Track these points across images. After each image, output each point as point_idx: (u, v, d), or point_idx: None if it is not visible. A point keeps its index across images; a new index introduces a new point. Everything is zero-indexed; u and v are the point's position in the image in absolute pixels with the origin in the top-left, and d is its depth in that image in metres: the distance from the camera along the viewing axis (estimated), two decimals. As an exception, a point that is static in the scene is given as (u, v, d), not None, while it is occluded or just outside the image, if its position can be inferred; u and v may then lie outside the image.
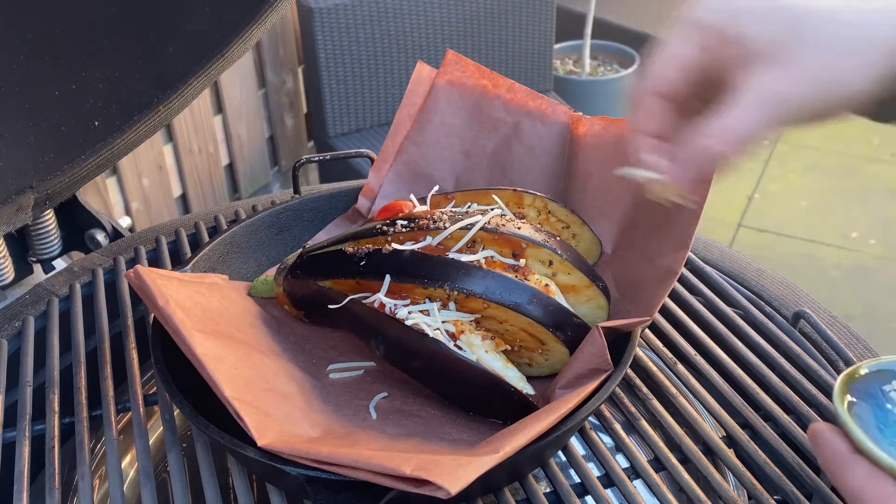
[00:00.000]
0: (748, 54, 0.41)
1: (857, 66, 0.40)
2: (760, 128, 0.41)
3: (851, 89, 0.40)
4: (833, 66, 0.40)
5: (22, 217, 0.75)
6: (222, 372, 0.53)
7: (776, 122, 0.41)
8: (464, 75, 0.73)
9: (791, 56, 0.40)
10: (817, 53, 0.40)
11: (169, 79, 0.77)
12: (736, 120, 0.41)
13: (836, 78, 0.40)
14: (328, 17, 2.00)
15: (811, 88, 0.40)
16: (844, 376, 0.48)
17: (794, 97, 0.40)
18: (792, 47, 0.40)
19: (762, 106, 0.41)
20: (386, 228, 0.62)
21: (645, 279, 0.61)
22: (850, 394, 0.47)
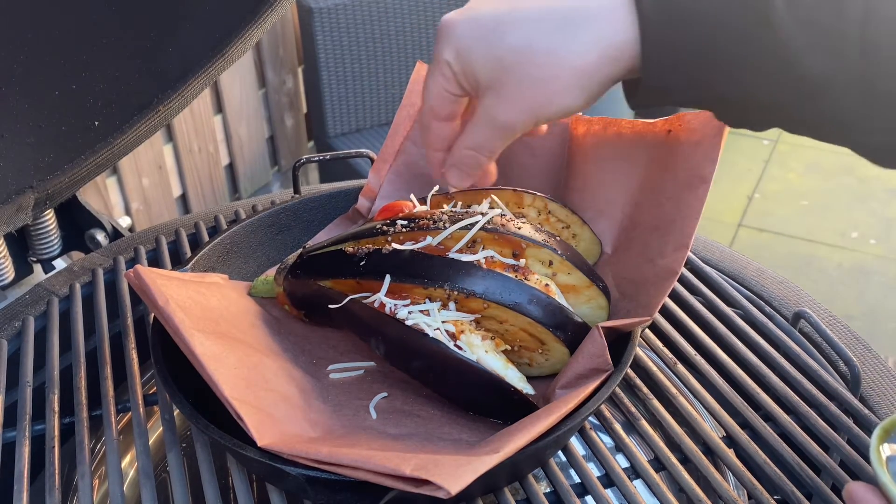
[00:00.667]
0: (476, 83, 0.50)
1: (558, 91, 0.48)
2: (490, 143, 0.52)
3: (558, 108, 0.48)
4: (536, 95, 0.48)
5: (22, 217, 0.75)
6: (222, 372, 0.53)
7: (503, 137, 0.51)
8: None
9: (504, 88, 0.48)
10: (522, 86, 0.48)
11: (169, 79, 0.77)
12: (471, 137, 0.52)
13: (540, 103, 0.48)
14: (328, 17, 2.00)
15: (523, 113, 0.49)
16: (880, 430, 0.47)
17: (511, 120, 0.50)
18: (503, 80, 0.48)
19: (487, 126, 0.51)
20: (386, 228, 0.62)
21: (645, 279, 0.61)
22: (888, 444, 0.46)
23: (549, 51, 0.47)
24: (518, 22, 0.48)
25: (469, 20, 0.49)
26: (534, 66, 0.47)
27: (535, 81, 0.48)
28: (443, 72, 0.50)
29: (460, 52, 0.49)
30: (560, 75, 0.47)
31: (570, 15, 0.47)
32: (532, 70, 0.47)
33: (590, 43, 0.47)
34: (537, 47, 0.47)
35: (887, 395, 0.64)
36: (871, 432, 0.59)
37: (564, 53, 0.47)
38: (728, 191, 2.71)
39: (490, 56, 0.48)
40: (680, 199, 0.60)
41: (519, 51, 0.47)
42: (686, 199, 0.60)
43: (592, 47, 0.47)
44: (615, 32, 0.46)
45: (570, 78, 0.47)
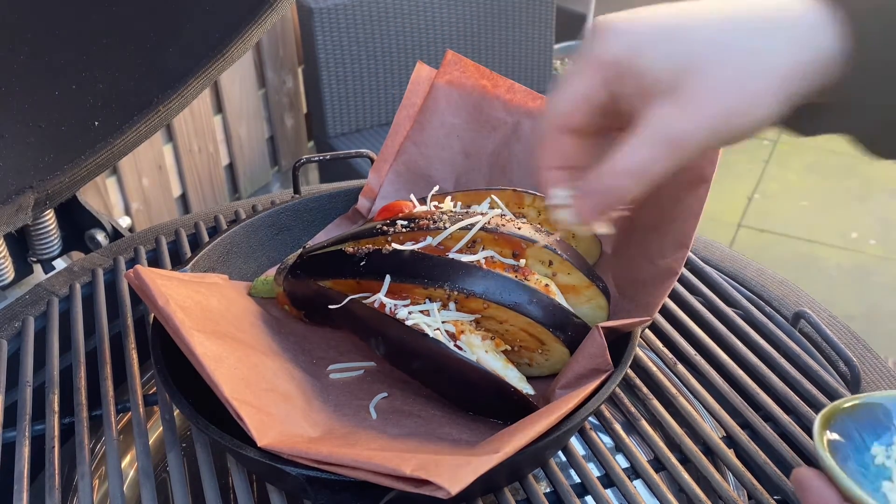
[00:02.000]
0: (647, 89, 0.41)
1: (753, 97, 0.40)
2: (655, 165, 0.42)
3: (752, 119, 0.41)
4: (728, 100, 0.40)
5: (22, 217, 0.75)
6: (222, 372, 0.53)
7: (672, 158, 0.42)
8: (463, 75, 0.73)
9: (687, 92, 0.40)
10: (714, 88, 0.40)
11: (169, 79, 0.77)
12: (628, 158, 0.42)
13: (731, 111, 0.40)
14: (328, 17, 2.00)
15: (707, 125, 0.41)
16: (821, 417, 0.48)
17: (688, 135, 0.41)
18: (688, 82, 0.40)
19: (654, 144, 0.41)
20: (386, 228, 0.62)
21: (645, 279, 0.61)
22: (830, 431, 0.47)
23: (742, 53, 0.40)
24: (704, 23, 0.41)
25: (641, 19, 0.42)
26: (725, 68, 0.40)
27: (724, 86, 0.40)
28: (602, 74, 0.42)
29: (633, 52, 0.41)
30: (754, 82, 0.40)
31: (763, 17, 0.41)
32: (722, 73, 0.40)
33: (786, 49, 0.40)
34: (729, 49, 0.40)
35: (887, 395, 0.64)
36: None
37: (760, 57, 0.40)
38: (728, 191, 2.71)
39: (672, 55, 0.41)
40: (680, 199, 0.60)
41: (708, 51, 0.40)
42: (686, 199, 0.60)
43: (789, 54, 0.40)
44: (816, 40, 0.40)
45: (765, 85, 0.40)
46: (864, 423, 0.49)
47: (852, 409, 0.49)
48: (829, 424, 0.48)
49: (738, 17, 0.41)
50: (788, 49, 0.40)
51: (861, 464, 0.47)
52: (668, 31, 0.41)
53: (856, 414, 0.49)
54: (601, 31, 0.42)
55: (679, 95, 0.40)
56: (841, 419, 0.48)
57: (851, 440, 0.48)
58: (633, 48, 0.41)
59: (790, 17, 0.41)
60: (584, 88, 0.43)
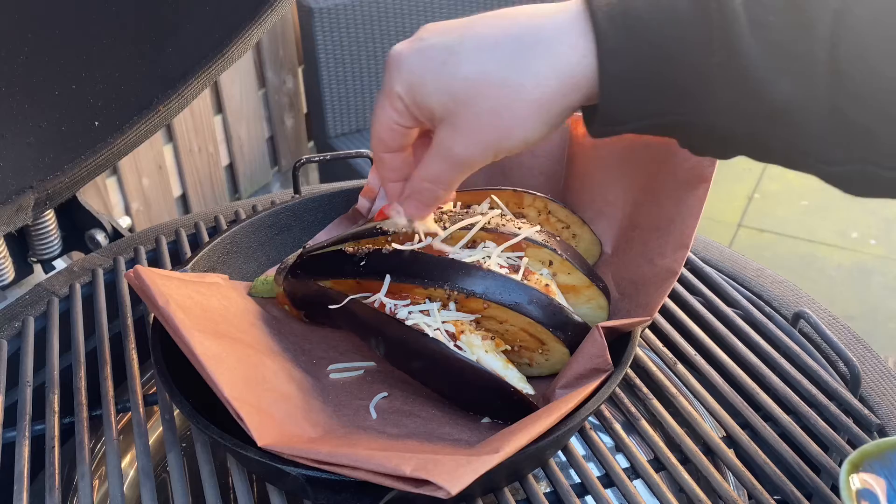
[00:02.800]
0: (429, 117, 0.48)
1: (515, 123, 0.46)
2: (448, 174, 0.50)
3: (517, 141, 0.47)
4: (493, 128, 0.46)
5: (22, 217, 0.75)
6: (222, 372, 0.53)
7: (459, 171, 0.50)
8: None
9: (458, 121, 0.47)
10: (478, 118, 0.46)
11: (169, 79, 0.77)
12: (427, 169, 0.50)
13: (497, 137, 0.47)
14: (328, 17, 2.00)
15: (480, 147, 0.47)
16: (848, 464, 0.48)
17: (466, 154, 0.48)
18: (458, 113, 0.46)
19: (442, 161, 0.49)
20: (386, 228, 0.62)
21: (645, 279, 0.61)
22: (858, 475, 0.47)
23: (503, 82, 0.45)
24: (470, 52, 0.46)
25: (419, 52, 0.47)
26: (489, 98, 0.45)
27: (490, 115, 0.46)
28: (394, 105, 0.48)
29: (412, 86, 0.47)
30: (517, 108, 0.45)
31: (524, 40, 0.45)
32: (487, 103, 0.46)
33: (547, 72, 0.45)
34: (492, 79, 0.45)
35: (887, 395, 0.64)
36: (871, 432, 0.60)
37: (520, 85, 0.45)
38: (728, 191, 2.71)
39: (443, 89, 0.46)
40: (680, 199, 0.60)
41: (473, 83, 0.46)
42: (686, 198, 0.60)
43: (550, 77, 0.45)
44: (573, 60, 0.44)
45: (528, 110, 0.45)
46: (892, 468, 0.48)
47: (879, 454, 0.48)
48: (856, 469, 0.47)
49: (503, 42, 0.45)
50: (549, 74, 0.45)
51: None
52: (440, 65, 0.46)
53: (883, 458, 0.48)
54: (391, 63, 0.48)
55: (453, 123, 0.47)
56: (869, 463, 0.48)
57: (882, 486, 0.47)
58: (413, 83, 0.47)
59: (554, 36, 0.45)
60: (388, 117, 0.49)
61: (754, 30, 0.41)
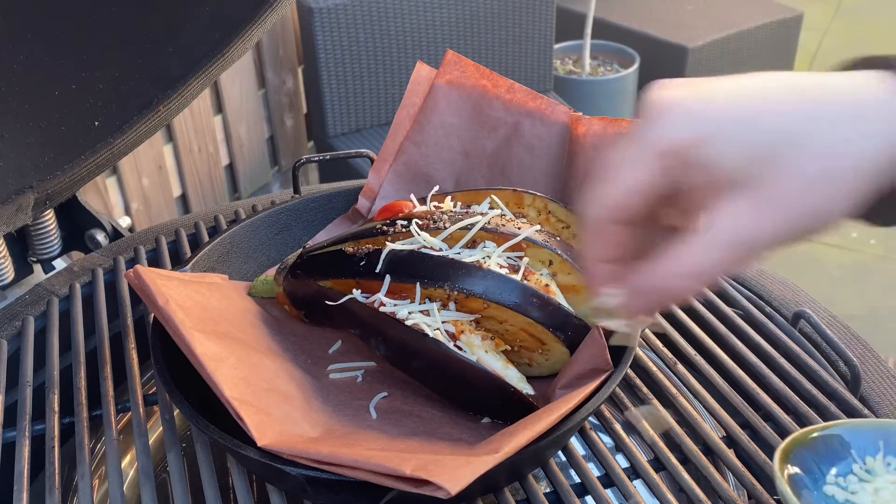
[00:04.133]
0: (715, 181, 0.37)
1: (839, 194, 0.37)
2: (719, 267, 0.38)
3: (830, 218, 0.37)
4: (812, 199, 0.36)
5: (22, 217, 0.75)
6: (222, 372, 0.53)
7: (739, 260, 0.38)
8: (463, 75, 0.73)
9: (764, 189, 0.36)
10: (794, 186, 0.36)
11: (169, 79, 0.77)
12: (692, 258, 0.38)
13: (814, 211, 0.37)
14: (328, 17, 2.00)
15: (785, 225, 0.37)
16: (781, 451, 0.50)
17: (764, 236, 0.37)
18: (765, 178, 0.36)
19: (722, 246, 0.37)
20: (386, 228, 0.62)
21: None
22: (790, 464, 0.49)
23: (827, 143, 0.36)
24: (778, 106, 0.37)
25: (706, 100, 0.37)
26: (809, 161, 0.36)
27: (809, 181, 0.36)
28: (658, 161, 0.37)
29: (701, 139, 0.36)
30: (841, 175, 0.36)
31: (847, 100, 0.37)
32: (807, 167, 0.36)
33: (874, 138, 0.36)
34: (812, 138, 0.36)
35: (887, 395, 0.64)
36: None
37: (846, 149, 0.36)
38: (728, 191, 2.70)
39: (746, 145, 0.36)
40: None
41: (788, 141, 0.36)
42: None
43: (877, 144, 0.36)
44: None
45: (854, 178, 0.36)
46: (822, 455, 0.50)
47: (810, 442, 0.51)
48: (788, 458, 0.50)
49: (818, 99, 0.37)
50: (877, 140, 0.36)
51: (820, 495, 0.49)
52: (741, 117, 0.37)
53: (813, 446, 0.51)
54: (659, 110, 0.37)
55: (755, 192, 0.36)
56: (799, 452, 0.50)
57: (811, 473, 0.49)
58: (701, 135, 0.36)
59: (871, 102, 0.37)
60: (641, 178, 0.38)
61: None
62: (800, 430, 0.52)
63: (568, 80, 2.62)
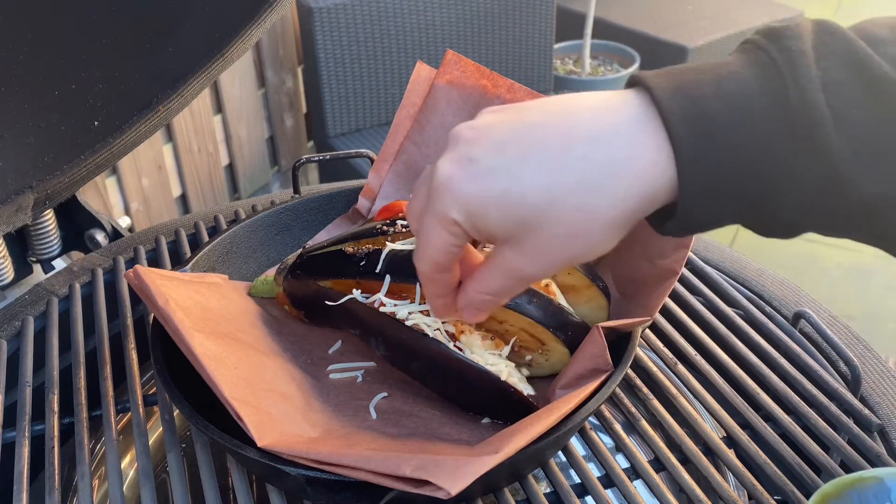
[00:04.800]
0: (494, 240, 0.45)
1: (587, 245, 0.44)
2: (510, 289, 0.48)
3: (585, 257, 0.45)
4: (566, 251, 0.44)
5: (22, 217, 0.75)
6: (222, 372, 0.53)
7: (520, 286, 0.48)
8: (463, 75, 0.73)
9: (525, 245, 0.44)
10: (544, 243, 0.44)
11: (169, 79, 0.77)
12: (486, 283, 0.48)
13: (570, 257, 0.44)
14: (328, 17, 2.00)
15: (548, 267, 0.45)
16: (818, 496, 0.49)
17: (534, 271, 0.46)
18: (523, 238, 0.44)
19: (506, 275, 0.47)
20: (386, 228, 0.62)
21: (645, 279, 0.61)
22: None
23: (575, 207, 0.42)
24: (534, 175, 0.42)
25: (474, 178, 0.43)
26: (560, 224, 0.43)
27: (564, 238, 0.43)
28: (450, 230, 0.45)
29: (471, 214, 0.44)
30: (593, 230, 0.43)
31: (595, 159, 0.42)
32: (560, 228, 0.43)
33: (625, 193, 0.42)
34: (564, 204, 0.42)
35: (887, 395, 0.64)
36: (871, 432, 0.60)
37: (598, 207, 0.42)
38: (728, 191, 2.70)
39: (508, 217, 0.43)
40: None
41: (541, 210, 0.42)
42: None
43: (628, 197, 0.42)
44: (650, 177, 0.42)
45: (603, 231, 0.43)
46: None
47: (839, 494, 0.49)
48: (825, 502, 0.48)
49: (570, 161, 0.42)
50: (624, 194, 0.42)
51: None
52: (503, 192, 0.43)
53: (844, 498, 0.49)
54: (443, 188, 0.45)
55: (521, 245, 0.44)
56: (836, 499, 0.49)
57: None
58: (473, 211, 0.44)
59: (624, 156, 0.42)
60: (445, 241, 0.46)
61: (839, 125, 0.39)
62: (829, 483, 0.50)
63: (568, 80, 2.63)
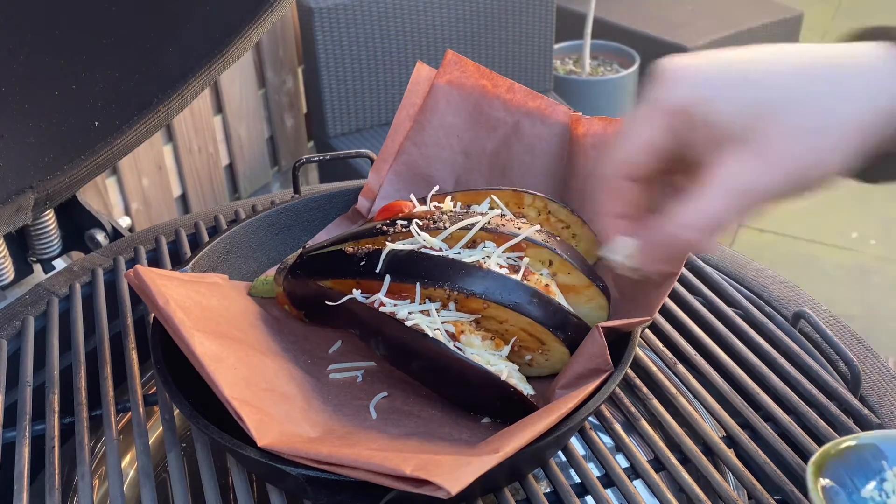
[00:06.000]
0: (717, 138, 0.40)
1: (832, 147, 0.39)
2: (728, 217, 0.41)
3: (827, 170, 0.40)
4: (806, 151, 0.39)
5: (22, 217, 0.75)
6: (222, 372, 0.53)
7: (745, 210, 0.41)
8: (463, 75, 0.73)
9: (761, 141, 0.39)
10: (790, 138, 0.39)
11: (169, 79, 0.77)
12: (701, 210, 0.41)
13: (809, 162, 0.39)
14: (328, 17, 2.00)
15: (782, 175, 0.39)
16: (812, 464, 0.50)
17: (764, 186, 0.40)
18: (763, 132, 0.39)
19: (729, 196, 0.40)
20: (386, 228, 0.62)
21: (645, 279, 0.61)
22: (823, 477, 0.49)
23: (819, 102, 0.39)
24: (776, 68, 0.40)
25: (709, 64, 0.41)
26: (802, 116, 0.39)
27: (802, 135, 0.39)
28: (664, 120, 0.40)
29: (703, 99, 0.40)
30: (836, 129, 0.39)
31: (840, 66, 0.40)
32: (800, 121, 0.39)
33: (864, 95, 0.39)
34: (806, 95, 0.39)
35: (887, 395, 0.64)
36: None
37: (838, 106, 0.39)
38: (728, 191, 2.70)
39: (745, 102, 0.39)
40: (680, 199, 0.60)
41: (784, 97, 0.39)
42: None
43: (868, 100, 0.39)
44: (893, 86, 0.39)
45: (844, 135, 0.39)
46: (854, 468, 0.50)
47: (841, 454, 0.50)
48: (821, 472, 0.49)
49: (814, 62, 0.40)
50: (867, 97, 0.39)
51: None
52: (740, 77, 0.40)
53: (845, 458, 0.50)
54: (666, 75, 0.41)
55: (754, 145, 0.39)
56: (832, 465, 0.50)
57: (844, 486, 0.49)
58: (703, 94, 0.40)
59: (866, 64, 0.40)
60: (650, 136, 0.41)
61: None
62: (831, 442, 0.51)
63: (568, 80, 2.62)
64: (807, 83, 0.39)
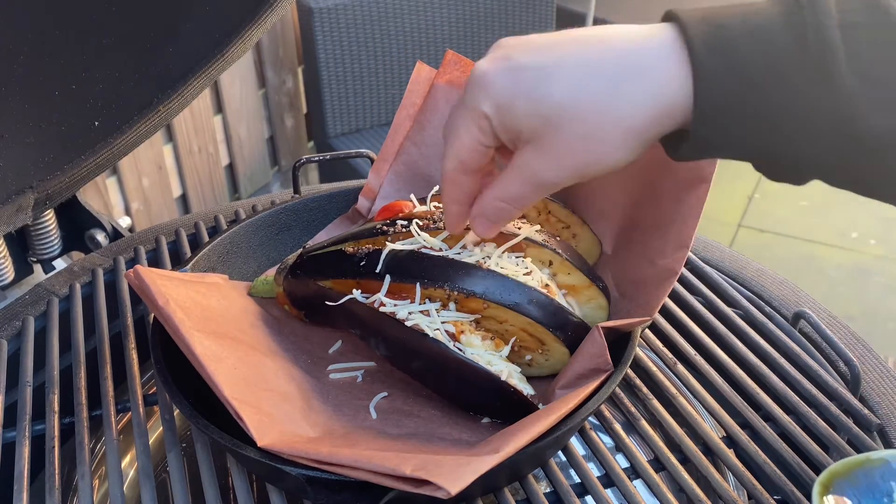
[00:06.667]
0: (517, 137, 0.47)
1: (609, 147, 0.45)
2: (524, 196, 0.50)
3: (605, 166, 0.46)
4: (583, 153, 0.46)
5: (22, 217, 0.75)
6: (222, 372, 0.53)
7: (538, 193, 0.49)
8: (463, 75, 0.73)
9: (546, 144, 0.46)
10: (569, 143, 0.46)
11: (169, 79, 0.77)
12: (504, 188, 0.50)
13: (589, 160, 0.46)
14: (328, 17, 2.00)
15: (567, 170, 0.47)
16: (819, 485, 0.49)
17: (549, 177, 0.48)
18: (547, 136, 0.46)
19: (522, 182, 0.49)
20: (386, 228, 0.62)
21: (645, 279, 0.61)
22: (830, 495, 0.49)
23: (597, 109, 0.45)
24: (566, 75, 0.45)
25: (508, 71, 0.46)
26: (581, 123, 0.45)
27: (581, 140, 0.45)
28: (480, 125, 0.47)
29: (502, 107, 0.46)
30: (609, 134, 0.45)
31: (620, 66, 0.45)
32: (579, 128, 0.45)
33: (642, 100, 0.44)
34: (585, 105, 0.45)
35: (887, 395, 0.64)
36: (871, 432, 0.60)
37: (614, 112, 0.45)
38: (728, 191, 2.71)
39: (534, 111, 0.46)
40: (680, 199, 0.60)
41: (565, 107, 0.45)
42: (686, 198, 0.60)
43: (645, 105, 0.44)
44: (669, 89, 0.44)
45: (620, 137, 0.45)
46: (860, 488, 0.50)
47: (847, 473, 0.50)
48: (827, 491, 0.49)
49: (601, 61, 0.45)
50: (643, 100, 0.44)
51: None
52: (532, 87, 0.45)
53: (853, 478, 0.50)
54: (477, 82, 0.47)
55: (541, 145, 0.47)
56: (838, 484, 0.50)
57: None
58: (502, 104, 0.46)
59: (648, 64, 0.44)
60: (470, 140, 0.49)
61: (851, 62, 0.40)
62: (840, 462, 0.51)
63: (568, 80, 2.62)
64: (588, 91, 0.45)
